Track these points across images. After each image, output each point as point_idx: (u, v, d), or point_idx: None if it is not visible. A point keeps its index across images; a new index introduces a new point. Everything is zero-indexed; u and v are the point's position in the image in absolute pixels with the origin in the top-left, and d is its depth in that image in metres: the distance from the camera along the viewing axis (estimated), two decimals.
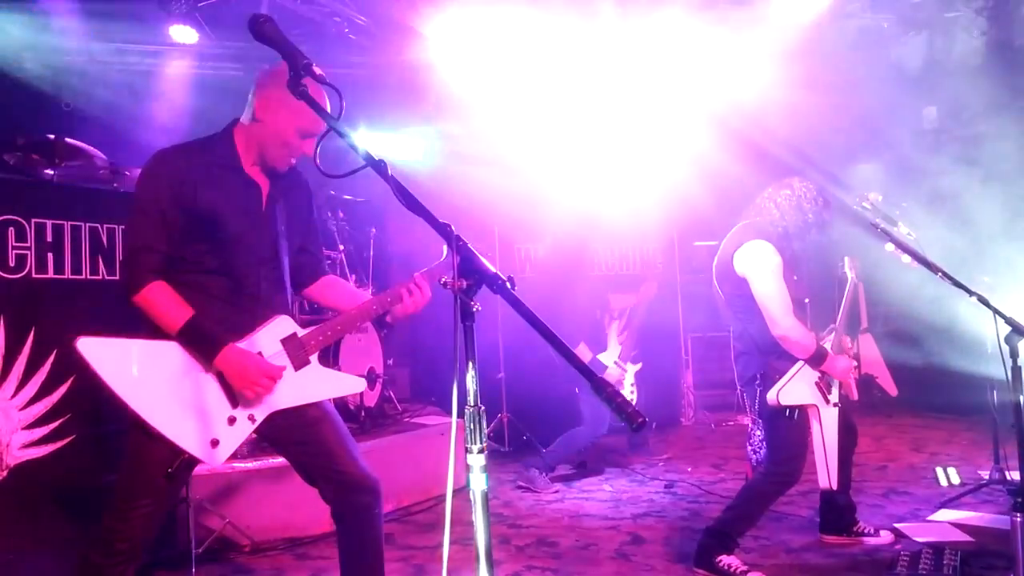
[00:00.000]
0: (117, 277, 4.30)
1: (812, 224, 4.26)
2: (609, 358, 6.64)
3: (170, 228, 2.75)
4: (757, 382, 4.24)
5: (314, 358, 2.97)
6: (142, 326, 2.72)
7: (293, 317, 2.97)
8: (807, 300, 4.37)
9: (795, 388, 4.11)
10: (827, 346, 4.33)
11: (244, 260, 2.86)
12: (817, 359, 4.15)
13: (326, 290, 3.29)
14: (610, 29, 7.50)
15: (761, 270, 4.14)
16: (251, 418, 2.81)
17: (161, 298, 2.71)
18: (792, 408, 4.11)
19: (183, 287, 2.77)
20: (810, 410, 4.19)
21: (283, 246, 3.01)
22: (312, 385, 2.96)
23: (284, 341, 2.90)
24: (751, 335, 4.25)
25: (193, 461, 2.73)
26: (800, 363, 4.15)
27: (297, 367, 2.91)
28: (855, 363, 4.71)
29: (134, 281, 2.71)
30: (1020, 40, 7.67)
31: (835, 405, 4.26)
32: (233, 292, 2.85)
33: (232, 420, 2.76)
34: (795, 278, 4.27)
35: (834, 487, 4.21)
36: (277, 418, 2.89)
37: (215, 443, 2.72)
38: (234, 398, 2.78)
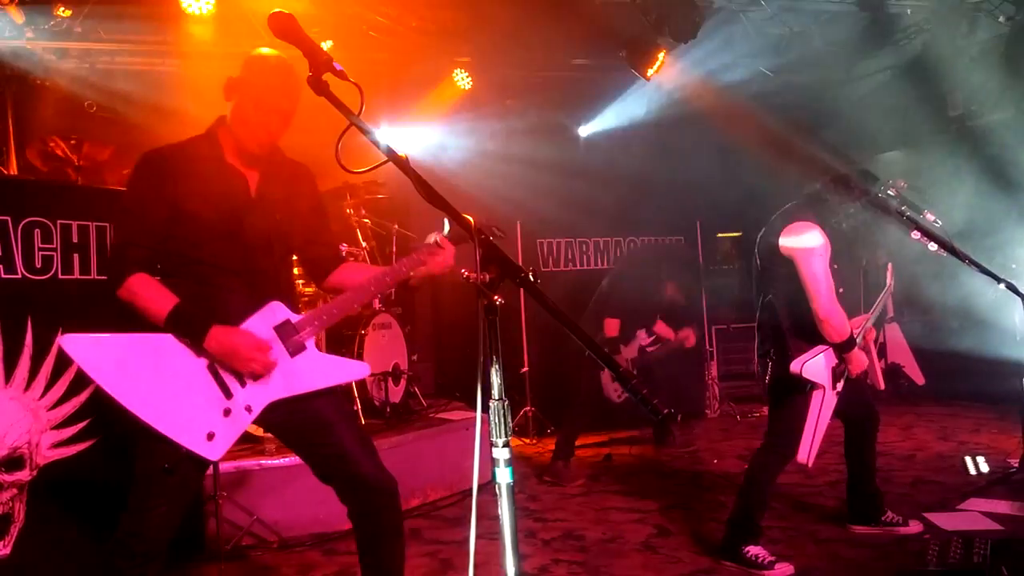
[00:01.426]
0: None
1: (862, 220, 4.25)
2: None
3: (154, 225, 2.78)
4: (771, 355, 4.29)
5: (311, 344, 2.91)
6: (136, 321, 2.72)
7: (287, 304, 2.93)
8: (841, 290, 4.36)
9: (817, 366, 4.17)
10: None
11: (232, 249, 2.86)
12: (847, 346, 4.19)
13: (346, 277, 3.25)
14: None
15: (809, 252, 4.15)
16: (248, 408, 2.77)
17: (145, 289, 2.73)
18: (808, 382, 4.16)
19: (173, 279, 2.80)
20: (817, 389, 4.21)
21: (280, 235, 2.99)
22: (310, 372, 2.88)
23: (277, 328, 2.85)
24: (776, 309, 4.29)
25: (194, 457, 2.69)
26: (822, 347, 4.17)
27: (292, 354, 2.86)
28: (880, 361, 4.72)
29: (117, 275, 2.74)
30: None
31: (837, 393, 4.27)
32: (223, 281, 2.84)
33: (227, 412, 2.73)
34: (835, 267, 4.28)
35: (810, 464, 4.25)
36: (287, 416, 2.89)
37: (211, 436, 2.68)
38: (227, 390, 2.75)
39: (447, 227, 3.07)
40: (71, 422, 4.00)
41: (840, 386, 4.30)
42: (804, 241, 4.17)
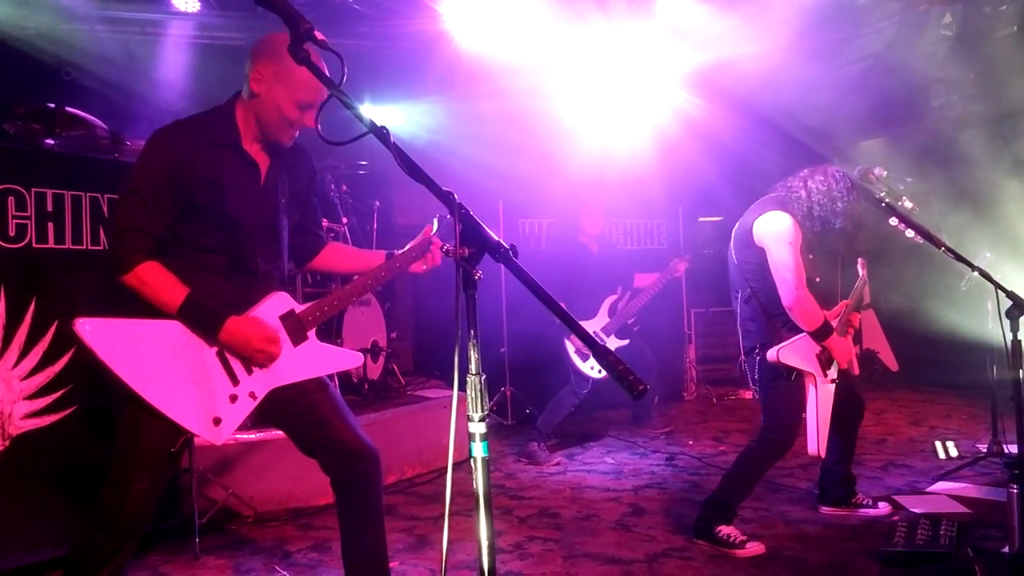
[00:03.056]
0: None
1: (840, 213, 4.20)
2: (589, 327, 6.63)
3: (163, 210, 2.69)
4: (757, 351, 4.28)
5: (312, 334, 2.98)
6: (137, 302, 2.67)
7: (291, 292, 2.97)
8: (817, 279, 4.38)
9: (796, 351, 4.17)
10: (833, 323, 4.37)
11: (240, 238, 2.84)
12: (821, 334, 4.19)
13: (329, 259, 3.31)
14: (620, 6, 7.46)
15: (779, 240, 4.16)
16: (252, 395, 2.82)
17: (155, 278, 2.67)
18: (791, 369, 4.16)
19: (178, 264, 2.73)
20: (807, 378, 4.23)
21: (282, 221, 3.00)
22: (311, 361, 2.97)
23: (282, 318, 2.91)
24: (758, 302, 4.28)
25: (193, 437, 2.73)
26: (804, 333, 4.18)
27: (296, 343, 2.92)
28: (855, 347, 4.73)
29: (124, 261, 2.65)
30: None
31: (832, 381, 4.28)
32: (229, 268, 2.84)
33: (234, 398, 2.77)
34: (811, 257, 4.29)
35: (822, 455, 4.26)
36: (275, 393, 2.90)
37: (217, 421, 2.72)
38: (234, 376, 2.79)
39: (436, 225, 3.14)
40: (45, 392, 3.97)
41: (833, 374, 4.30)
42: (774, 228, 4.18)
